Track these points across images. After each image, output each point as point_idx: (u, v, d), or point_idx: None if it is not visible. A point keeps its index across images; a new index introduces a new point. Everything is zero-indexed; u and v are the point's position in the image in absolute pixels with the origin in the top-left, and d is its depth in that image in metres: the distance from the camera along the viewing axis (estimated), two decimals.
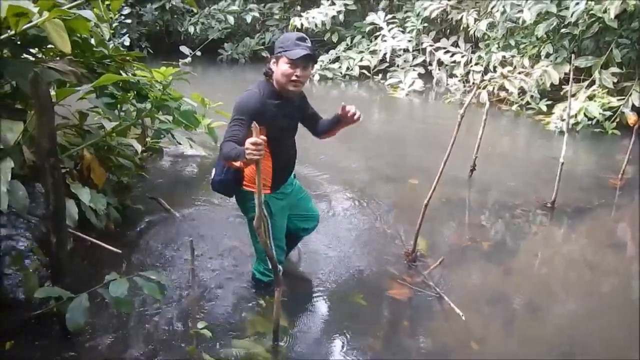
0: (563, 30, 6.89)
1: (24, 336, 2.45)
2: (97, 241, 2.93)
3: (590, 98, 6.50)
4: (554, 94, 7.25)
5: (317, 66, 9.45)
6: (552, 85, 6.98)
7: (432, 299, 2.99)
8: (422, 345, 2.64)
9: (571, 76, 4.52)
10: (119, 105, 3.47)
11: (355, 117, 2.73)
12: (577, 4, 6.34)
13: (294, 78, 2.45)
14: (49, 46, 3.13)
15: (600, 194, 4.61)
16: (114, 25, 9.19)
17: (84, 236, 2.90)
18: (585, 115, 6.32)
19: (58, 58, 3.17)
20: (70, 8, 2.60)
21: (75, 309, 2.22)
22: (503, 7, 7.37)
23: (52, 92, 2.79)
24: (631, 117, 6.21)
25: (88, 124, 3.64)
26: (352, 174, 4.93)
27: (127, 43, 9.61)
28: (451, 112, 7.28)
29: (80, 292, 2.33)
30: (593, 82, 6.64)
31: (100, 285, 2.31)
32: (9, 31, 2.50)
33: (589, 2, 6.29)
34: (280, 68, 2.45)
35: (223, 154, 2.37)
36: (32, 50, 3.19)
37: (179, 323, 2.67)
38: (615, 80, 6.48)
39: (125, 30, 9.94)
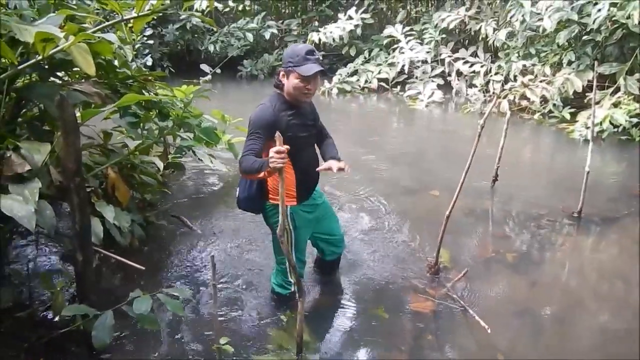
0: (585, 37, 6.80)
1: (53, 354, 2.50)
2: (122, 258, 2.97)
3: (616, 105, 6.38)
4: (577, 102, 7.14)
5: (335, 79, 9.51)
6: (575, 93, 6.88)
7: (456, 312, 2.95)
8: (447, 359, 2.60)
9: (594, 83, 4.44)
10: (141, 124, 3.55)
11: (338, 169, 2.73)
12: (599, 10, 6.26)
13: (305, 91, 2.53)
14: (75, 69, 3.23)
15: (628, 203, 4.50)
16: (136, 46, 9.43)
17: (109, 254, 2.95)
18: (611, 123, 6.20)
19: (83, 80, 3.26)
20: (94, 32, 2.68)
21: (101, 326, 2.25)
22: (522, 16, 7.32)
23: (78, 114, 2.87)
24: None
25: (112, 143, 3.72)
26: (372, 186, 4.91)
27: (149, 63, 9.84)
28: (471, 122, 7.23)
29: (106, 309, 2.36)
30: (618, 89, 6.52)
31: (125, 303, 2.34)
32: (37, 56, 2.58)
33: (612, 9, 6.21)
34: (292, 82, 2.52)
35: (243, 168, 2.44)
36: (59, 73, 3.29)
37: (201, 338, 2.69)
38: None
39: (147, 51, 10.18)
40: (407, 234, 3.95)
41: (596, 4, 6.39)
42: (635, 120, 6.22)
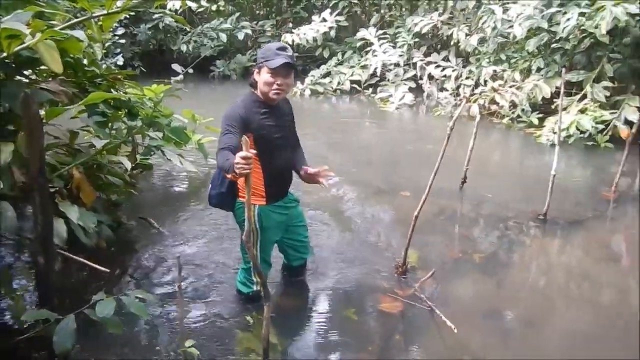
0: (554, 45, 6.97)
1: None
2: (85, 260, 2.91)
3: (582, 111, 6.55)
4: (545, 108, 7.31)
5: (307, 81, 9.52)
6: (543, 98, 7.04)
7: (423, 312, 2.98)
8: (415, 359, 2.63)
9: (562, 90, 4.55)
10: (109, 124, 3.49)
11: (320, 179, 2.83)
12: (568, 19, 6.42)
13: (275, 87, 2.53)
14: (42, 67, 3.15)
15: (593, 207, 4.62)
16: (107, 45, 9.26)
17: (72, 256, 2.89)
18: (578, 129, 6.36)
19: (50, 79, 3.19)
20: (62, 29, 2.63)
21: (62, 331, 2.19)
22: (494, 22, 7.46)
23: (42, 112, 2.80)
24: (624, 131, 6.21)
25: (79, 142, 3.64)
26: (342, 186, 4.93)
27: (120, 62, 9.69)
28: (442, 125, 7.33)
29: (69, 313, 2.31)
30: (585, 96, 6.69)
31: (87, 306, 2.28)
32: (2, 53, 2.51)
33: (580, 18, 6.37)
34: (262, 77, 2.53)
35: (218, 162, 2.42)
36: (25, 71, 3.21)
37: (167, 341, 2.65)
38: (608, 94, 6.53)
39: (118, 50, 10.02)
40: (376, 234, 3.98)
41: (565, 13, 6.56)
42: (600, 126, 6.40)
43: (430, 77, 9.07)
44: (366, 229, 4.07)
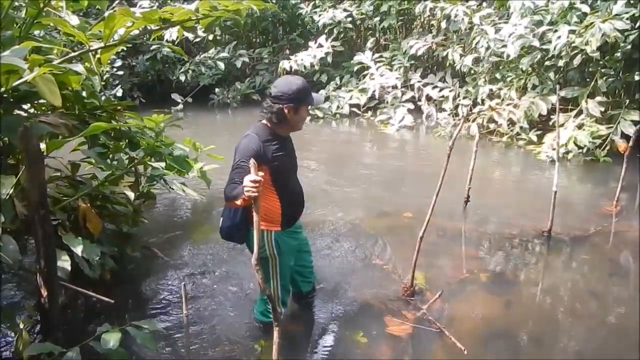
0: (547, 62, 7.04)
1: None
2: (89, 292, 2.88)
3: (579, 127, 6.58)
4: (543, 124, 7.35)
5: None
6: (540, 115, 7.08)
7: (432, 334, 2.94)
8: None
9: (557, 106, 4.58)
10: (110, 155, 3.49)
11: None
12: (559, 37, 6.50)
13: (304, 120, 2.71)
14: (41, 101, 3.18)
15: (596, 222, 4.60)
16: (105, 77, 9.33)
17: (75, 288, 2.86)
18: (576, 144, 6.39)
19: (49, 112, 3.21)
20: (60, 62, 2.65)
21: None
22: (487, 42, 7.55)
23: (43, 145, 2.81)
24: (621, 145, 6.23)
25: (81, 174, 3.64)
26: (345, 210, 4.91)
27: (119, 94, 9.74)
28: (442, 146, 7.35)
29: (73, 346, 2.28)
30: (580, 112, 6.74)
31: (92, 338, 2.25)
32: (0, 88, 2.53)
33: (570, 36, 6.45)
34: (302, 116, 2.65)
35: (225, 195, 2.50)
36: (24, 105, 3.23)
37: None
38: (603, 109, 6.57)
39: (117, 82, 10.10)
40: (382, 256, 3.95)
41: (556, 31, 6.64)
42: (598, 141, 6.43)
43: (429, 98, 9.13)
44: (371, 251, 4.04)
